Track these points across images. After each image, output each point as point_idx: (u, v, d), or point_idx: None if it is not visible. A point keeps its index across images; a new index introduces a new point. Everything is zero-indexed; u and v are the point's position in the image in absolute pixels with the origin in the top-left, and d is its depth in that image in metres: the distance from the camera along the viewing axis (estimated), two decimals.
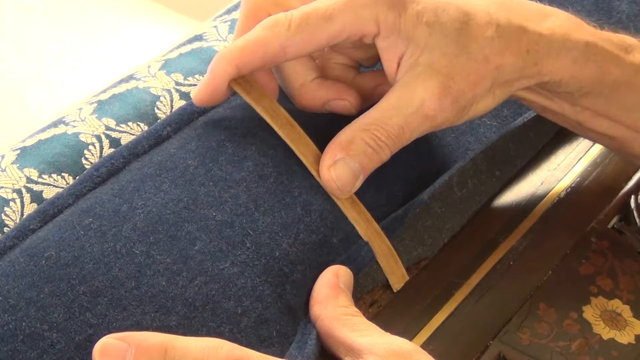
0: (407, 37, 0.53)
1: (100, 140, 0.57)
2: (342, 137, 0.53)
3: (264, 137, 0.55)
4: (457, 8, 0.54)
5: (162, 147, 0.55)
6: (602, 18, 0.67)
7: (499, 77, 0.54)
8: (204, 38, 0.64)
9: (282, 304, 0.51)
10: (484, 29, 0.54)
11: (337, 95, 0.56)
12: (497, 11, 0.54)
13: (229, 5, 0.68)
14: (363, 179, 0.54)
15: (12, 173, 0.55)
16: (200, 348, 0.45)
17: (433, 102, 0.53)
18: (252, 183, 0.53)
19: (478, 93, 0.54)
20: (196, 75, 0.61)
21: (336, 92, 0.56)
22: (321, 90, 0.56)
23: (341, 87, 0.57)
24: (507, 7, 0.55)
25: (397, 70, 0.54)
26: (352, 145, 0.53)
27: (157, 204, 0.52)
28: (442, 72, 0.53)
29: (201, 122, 0.57)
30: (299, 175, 0.54)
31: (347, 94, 0.56)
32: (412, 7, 0.53)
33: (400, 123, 0.53)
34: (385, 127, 0.53)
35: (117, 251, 0.50)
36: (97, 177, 0.54)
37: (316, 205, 0.54)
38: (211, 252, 0.51)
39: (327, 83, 0.57)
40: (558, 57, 0.54)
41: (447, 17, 0.53)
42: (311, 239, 0.53)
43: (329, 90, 0.56)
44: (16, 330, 0.47)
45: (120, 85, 0.61)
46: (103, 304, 0.48)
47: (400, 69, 0.54)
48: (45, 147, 0.56)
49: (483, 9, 0.54)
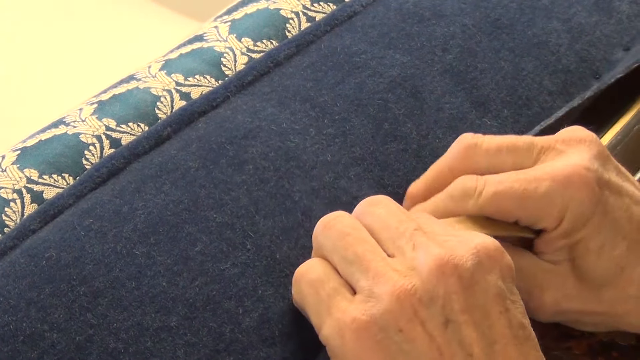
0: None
1: (101, 141, 0.57)
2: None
3: (265, 139, 0.55)
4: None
5: (162, 148, 0.55)
6: (603, 18, 0.67)
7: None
8: (204, 38, 0.64)
9: (285, 303, 0.51)
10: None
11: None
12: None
13: (230, 6, 0.68)
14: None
15: (13, 173, 0.55)
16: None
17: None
18: (252, 186, 0.53)
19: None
20: (196, 75, 0.61)
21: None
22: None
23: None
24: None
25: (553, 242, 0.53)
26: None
27: (157, 205, 0.52)
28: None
29: (202, 123, 0.57)
30: (300, 179, 0.54)
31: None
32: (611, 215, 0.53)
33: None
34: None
35: (118, 252, 0.50)
36: (97, 178, 0.54)
37: (317, 211, 0.54)
38: (211, 254, 0.51)
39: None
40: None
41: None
42: (311, 244, 0.53)
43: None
44: (17, 330, 0.47)
45: (121, 85, 0.61)
46: (103, 304, 0.49)
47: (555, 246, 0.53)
48: (46, 148, 0.56)
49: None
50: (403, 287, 0.46)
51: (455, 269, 0.47)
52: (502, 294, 0.47)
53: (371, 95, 0.60)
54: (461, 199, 0.53)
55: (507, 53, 0.64)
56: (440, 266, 0.47)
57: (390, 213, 0.50)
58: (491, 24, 0.65)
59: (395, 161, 0.58)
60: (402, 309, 0.46)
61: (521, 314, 0.48)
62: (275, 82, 0.60)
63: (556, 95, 0.64)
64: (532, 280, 0.53)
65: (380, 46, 0.63)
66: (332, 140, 0.57)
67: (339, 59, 0.62)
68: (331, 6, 0.66)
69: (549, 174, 0.52)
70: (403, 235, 0.49)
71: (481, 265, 0.47)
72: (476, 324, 0.46)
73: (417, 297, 0.46)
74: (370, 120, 0.59)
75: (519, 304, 0.48)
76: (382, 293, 0.47)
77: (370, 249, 0.48)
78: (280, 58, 0.61)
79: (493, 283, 0.47)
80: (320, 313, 0.48)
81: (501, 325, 0.47)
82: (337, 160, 0.56)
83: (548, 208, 0.52)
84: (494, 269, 0.47)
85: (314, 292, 0.49)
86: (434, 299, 0.46)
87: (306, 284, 0.49)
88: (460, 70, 0.63)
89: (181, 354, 0.48)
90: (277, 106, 0.58)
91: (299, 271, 0.50)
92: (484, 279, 0.47)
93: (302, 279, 0.49)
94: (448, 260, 0.47)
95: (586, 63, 0.66)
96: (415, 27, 0.64)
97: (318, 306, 0.48)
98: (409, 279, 0.47)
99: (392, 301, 0.46)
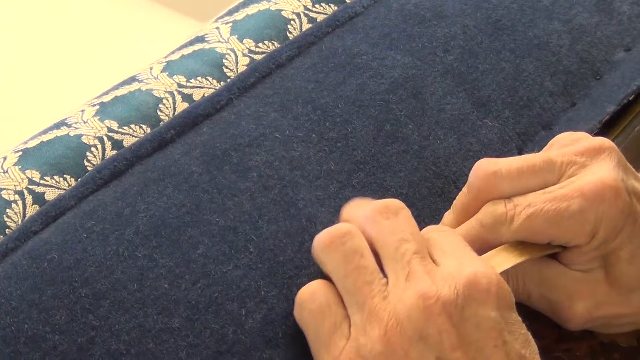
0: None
1: (103, 142, 0.57)
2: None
3: (270, 148, 0.55)
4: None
5: (166, 151, 0.56)
6: (604, 19, 0.67)
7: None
8: (205, 39, 0.64)
9: (289, 304, 0.51)
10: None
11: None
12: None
13: (231, 7, 0.68)
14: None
15: (14, 175, 0.55)
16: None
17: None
18: (256, 193, 0.54)
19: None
20: (198, 77, 0.61)
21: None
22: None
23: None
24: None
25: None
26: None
27: (160, 208, 0.52)
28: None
29: (206, 127, 0.57)
30: (304, 188, 0.55)
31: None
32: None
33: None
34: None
35: (120, 254, 0.50)
36: (99, 180, 0.54)
37: (321, 218, 0.54)
38: (214, 256, 0.51)
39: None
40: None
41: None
42: None
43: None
44: (18, 332, 0.47)
45: (123, 87, 0.61)
46: (105, 306, 0.49)
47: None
48: (48, 149, 0.56)
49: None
50: (392, 327, 0.46)
51: (443, 308, 0.46)
52: (497, 327, 0.46)
53: (372, 97, 0.60)
54: (493, 226, 0.52)
55: (508, 54, 0.64)
56: (428, 306, 0.46)
57: (396, 228, 0.49)
58: (492, 25, 0.65)
59: (397, 162, 0.58)
60: (392, 351, 0.46)
61: (520, 344, 0.47)
62: (277, 84, 0.60)
63: (557, 96, 0.64)
64: (563, 291, 0.53)
65: (382, 47, 0.63)
66: (334, 145, 0.57)
67: (340, 60, 0.62)
68: (332, 7, 0.66)
69: (579, 190, 0.51)
70: (401, 259, 0.48)
71: (472, 298, 0.46)
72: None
73: (406, 337, 0.46)
74: (371, 121, 0.59)
75: (519, 334, 0.47)
76: (373, 334, 0.46)
77: (369, 279, 0.48)
78: (282, 59, 0.61)
79: (486, 316, 0.46)
80: (319, 349, 0.48)
81: (497, 359, 0.46)
82: (340, 169, 0.56)
83: (581, 225, 0.51)
84: (487, 300, 0.46)
85: (314, 324, 0.49)
86: (423, 338, 0.46)
87: (308, 312, 0.49)
88: (461, 71, 0.63)
89: (183, 356, 0.48)
90: (280, 110, 0.58)
91: (301, 295, 0.49)
92: (476, 312, 0.46)
93: (305, 305, 0.49)
94: (437, 298, 0.46)
95: (587, 64, 0.66)
96: (416, 28, 0.64)
97: (317, 341, 0.48)
98: (398, 320, 0.46)
99: (382, 343, 0.46)
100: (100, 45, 1.15)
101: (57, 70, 1.12)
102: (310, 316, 0.49)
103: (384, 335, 0.46)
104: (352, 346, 0.47)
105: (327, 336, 0.48)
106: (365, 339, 0.47)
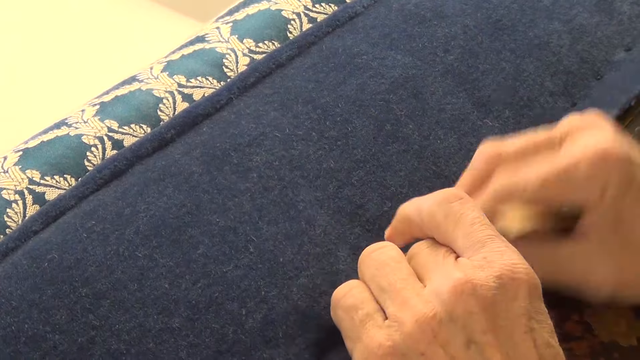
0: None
1: (103, 142, 0.57)
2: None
3: (270, 147, 0.55)
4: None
5: (166, 151, 0.56)
6: (604, 19, 0.67)
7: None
8: (206, 39, 0.64)
9: (289, 304, 0.51)
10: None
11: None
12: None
13: (231, 7, 0.68)
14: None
15: (15, 174, 0.55)
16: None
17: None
18: (256, 193, 0.54)
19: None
20: (199, 77, 0.61)
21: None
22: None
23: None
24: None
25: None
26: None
27: (160, 208, 0.52)
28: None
29: (206, 126, 0.57)
30: (304, 189, 0.55)
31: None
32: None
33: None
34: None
35: (120, 254, 0.50)
36: (100, 179, 0.54)
37: (320, 221, 0.54)
38: (214, 256, 0.51)
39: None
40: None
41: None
42: (316, 251, 0.53)
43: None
44: (18, 332, 0.47)
45: (123, 87, 0.61)
46: (105, 306, 0.49)
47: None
48: (48, 149, 0.56)
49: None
50: (423, 311, 0.47)
51: (474, 289, 0.47)
52: (527, 314, 0.47)
53: (373, 96, 0.60)
54: (507, 196, 0.53)
55: (509, 54, 0.64)
56: (459, 286, 0.47)
57: (430, 253, 0.50)
58: (492, 25, 0.65)
59: (397, 162, 0.58)
60: (422, 332, 0.46)
61: (548, 332, 0.47)
62: (277, 83, 0.60)
63: (557, 96, 0.64)
64: (580, 268, 0.53)
65: (382, 47, 0.63)
66: (334, 143, 0.57)
67: (340, 60, 0.62)
68: (332, 7, 0.66)
69: (584, 152, 0.53)
70: (435, 266, 0.49)
71: (504, 288, 0.47)
72: (500, 345, 0.46)
73: (437, 319, 0.46)
74: (371, 121, 0.59)
75: (546, 323, 0.48)
76: (404, 318, 0.47)
77: (404, 278, 0.49)
78: (282, 59, 0.61)
79: (517, 304, 0.47)
80: (352, 338, 0.49)
81: (526, 346, 0.47)
82: (339, 167, 0.56)
83: (591, 182, 0.52)
84: (519, 291, 0.47)
85: (349, 317, 0.49)
86: (453, 319, 0.46)
87: (341, 309, 0.50)
88: (461, 71, 0.63)
89: (184, 355, 0.49)
90: (280, 109, 0.58)
91: (336, 295, 0.50)
92: (507, 300, 0.47)
93: (339, 303, 0.50)
94: (467, 281, 0.47)
95: (587, 64, 0.66)
96: (416, 28, 0.64)
97: (351, 331, 0.49)
98: (430, 304, 0.47)
99: (412, 326, 0.47)
100: (101, 45, 1.15)
101: (57, 70, 1.12)
102: (344, 310, 0.49)
103: (413, 317, 0.47)
104: (383, 332, 0.47)
105: (360, 325, 0.48)
106: (397, 323, 0.47)
